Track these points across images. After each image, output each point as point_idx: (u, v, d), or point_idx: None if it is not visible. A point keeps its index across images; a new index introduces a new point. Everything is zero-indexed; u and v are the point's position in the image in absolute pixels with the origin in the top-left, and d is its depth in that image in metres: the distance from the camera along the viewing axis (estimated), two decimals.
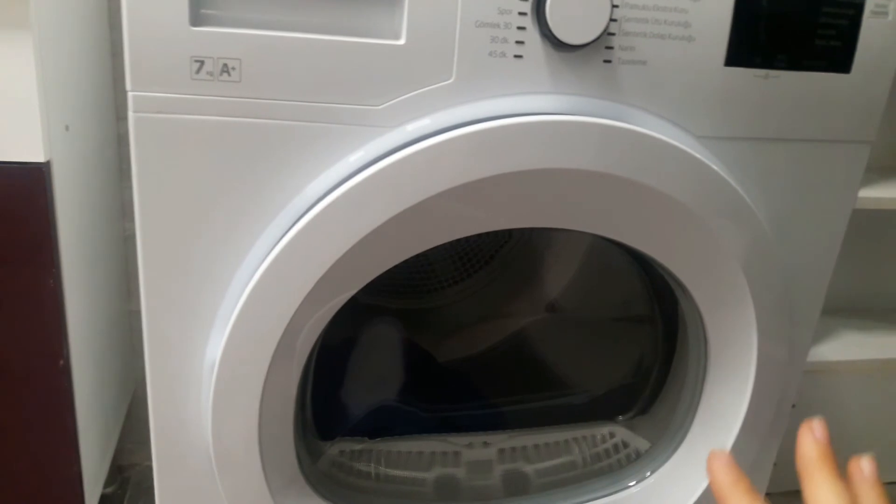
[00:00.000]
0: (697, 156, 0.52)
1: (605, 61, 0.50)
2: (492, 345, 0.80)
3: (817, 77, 0.55)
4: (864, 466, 0.36)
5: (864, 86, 0.56)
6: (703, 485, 0.63)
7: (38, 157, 0.60)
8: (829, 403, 1.06)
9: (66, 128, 0.66)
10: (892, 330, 1.14)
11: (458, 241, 0.52)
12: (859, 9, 0.54)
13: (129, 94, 0.45)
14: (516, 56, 0.49)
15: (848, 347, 1.07)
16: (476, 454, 0.68)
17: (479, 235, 0.53)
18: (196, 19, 0.44)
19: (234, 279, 0.50)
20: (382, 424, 0.69)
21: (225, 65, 0.45)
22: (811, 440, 0.37)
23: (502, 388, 0.76)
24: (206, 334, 0.52)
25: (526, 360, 0.79)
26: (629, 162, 0.51)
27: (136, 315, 0.79)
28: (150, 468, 0.57)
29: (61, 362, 0.67)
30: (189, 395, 0.54)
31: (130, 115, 0.45)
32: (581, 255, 0.79)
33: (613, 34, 0.50)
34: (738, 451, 0.62)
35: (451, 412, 0.73)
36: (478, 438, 0.69)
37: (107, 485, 0.93)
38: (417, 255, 0.51)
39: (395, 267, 0.51)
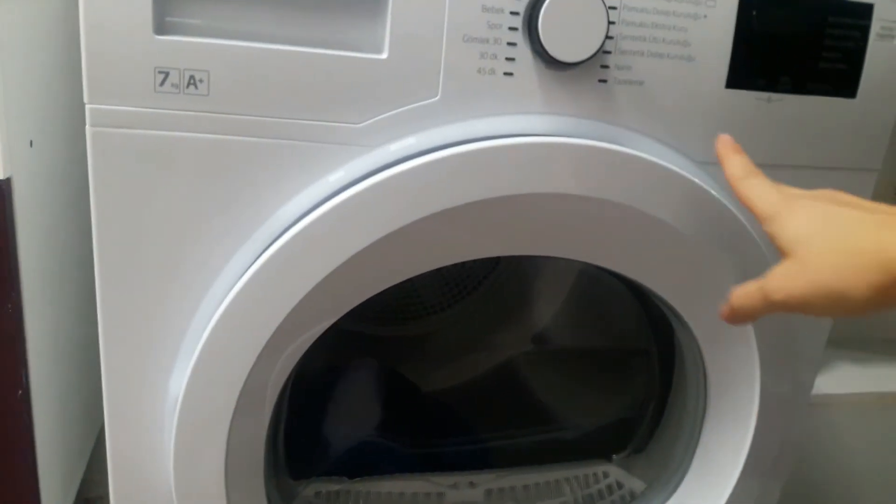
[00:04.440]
0: (697, 181, 0.50)
1: (601, 81, 0.48)
2: (478, 376, 0.77)
3: (822, 101, 0.53)
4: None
5: (870, 111, 0.55)
6: None
7: None
8: (825, 438, 1.03)
9: (31, 143, 0.63)
10: (891, 362, 1.11)
11: (444, 266, 0.49)
12: (865, 31, 0.53)
13: (87, 107, 0.42)
14: (506, 73, 0.46)
15: (844, 380, 1.05)
16: (461, 496, 0.64)
17: (466, 261, 0.50)
18: (161, 27, 0.41)
19: (199, 308, 0.47)
20: (362, 462, 0.66)
21: (191, 77, 0.42)
22: (737, 160, 0.43)
23: (489, 422, 0.73)
24: (169, 367, 0.49)
25: (514, 393, 0.77)
26: (625, 187, 0.48)
27: None
28: None
29: (20, 392, 0.63)
30: (150, 433, 0.50)
31: (88, 129, 0.42)
32: (572, 283, 0.77)
33: (609, 52, 0.48)
34: (740, 492, 0.59)
35: (435, 448, 0.70)
36: (463, 478, 0.65)
37: None
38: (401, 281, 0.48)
39: (377, 293, 0.48)
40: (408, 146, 0.46)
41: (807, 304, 0.35)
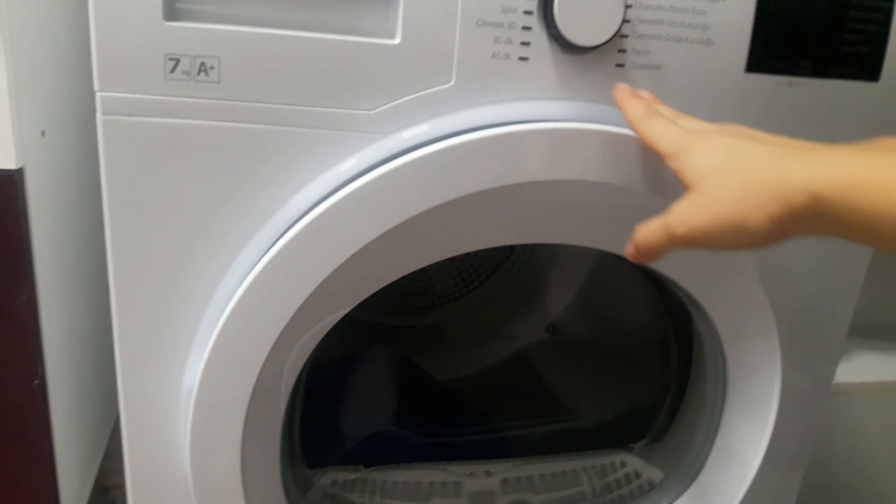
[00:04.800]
0: None
1: (618, 65, 0.47)
2: (493, 365, 0.77)
3: (843, 85, 0.52)
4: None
5: (893, 94, 0.53)
6: None
7: (9, 164, 0.56)
8: (846, 426, 1.02)
9: (42, 133, 0.63)
10: None
11: (457, 255, 0.48)
12: (888, 13, 0.52)
13: (97, 95, 0.42)
14: (521, 58, 0.45)
15: (864, 369, 1.04)
16: (478, 485, 0.64)
17: (479, 250, 0.49)
18: (171, 13, 0.41)
19: (213, 297, 0.47)
20: (378, 452, 0.65)
21: (202, 63, 0.41)
22: (635, 103, 0.42)
23: (505, 412, 0.73)
24: (184, 356, 0.48)
25: (530, 382, 0.76)
26: (642, 174, 0.48)
27: None
28: None
29: (36, 382, 0.64)
30: (166, 423, 0.50)
31: (98, 117, 0.42)
32: (587, 270, 0.76)
33: (626, 36, 0.47)
34: (760, 482, 0.59)
35: (451, 438, 0.69)
36: (480, 467, 0.65)
37: None
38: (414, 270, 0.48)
39: (391, 282, 0.48)
40: (421, 133, 0.45)
41: (708, 236, 0.34)
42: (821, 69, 0.51)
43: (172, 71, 0.41)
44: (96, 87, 0.41)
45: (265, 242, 0.45)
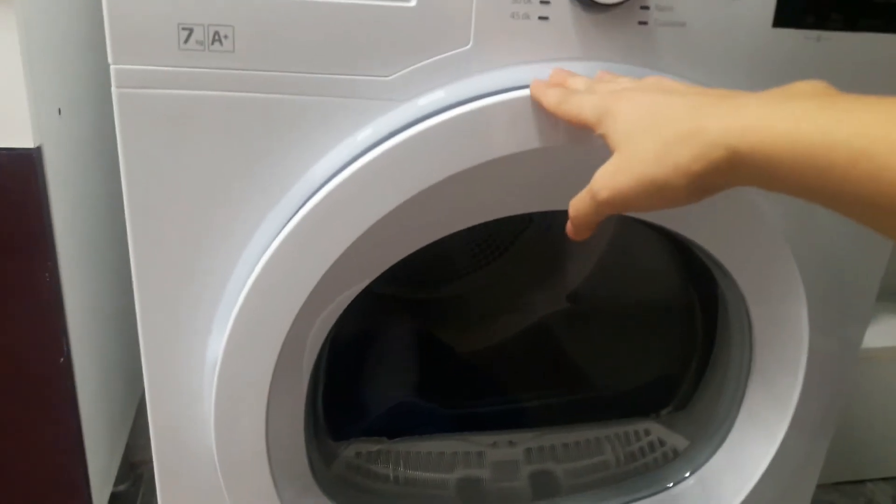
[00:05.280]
0: None
1: (641, 23, 0.46)
2: (514, 335, 0.76)
3: (875, 38, 0.50)
4: None
5: None
6: (749, 488, 0.59)
7: (27, 142, 0.56)
8: (867, 392, 1.01)
9: (59, 111, 0.62)
10: None
11: (476, 225, 0.48)
12: None
13: (112, 68, 0.41)
14: (541, 18, 0.44)
15: (888, 333, 1.02)
16: (501, 454, 0.64)
17: (497, 220, 0.49)
18: None
19: (234, 271, 0.47)
20: (400, 423, 0.65)
21: (216, 33, 0.40)
22: (549, 92, 0.41)
23: (527, 382, 0.72)
24: (207, 330, 0.48)
25: (552, 352, 0.76)
26: None
27: None
28: None
29: (62, 359, 0.64)
30: (190, 397, 0.50)
31: (114, 90, 0.41)
32: (606, 238, 0.74)
33: None
34: (787, 448, 0.58)
35: (473, 409, 0.69)
36: (503, 437, 0.65)
37: (119, 482, 0.91)
38: (432, 241, 0.47)
39: (410, 255, 0.47)
40: (439, 99, 0.44)
41: (632, 198, 0.34)
42: (851, 22, 0.49)
43: (186, 41, 0.41)
44: (110, 59, 0.41)
45: (284, 215, 0.45)
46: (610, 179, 0.34)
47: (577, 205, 0.38)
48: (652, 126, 0.33)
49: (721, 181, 0.31)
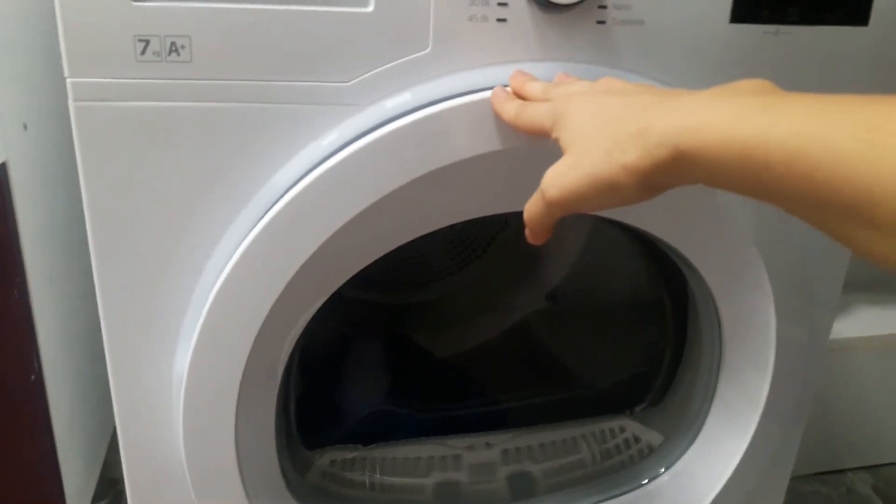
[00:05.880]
0: None
1: (599, 22, 0.46)
2: (490, 338, 0.76)
3: (832, 31, 0.51)
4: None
5: (883, 39, 0.52)
6: (723, 480, 0.59)
7: None
8: (845, 382, 1.02)
9: (24, 126, 0.62)
10: None
11: (451, 228, 0.48)
12: None
13: (68, 81, 0.41)
14: (499, 20, 0.44)
15: (864, 323, 1.03)
16: (478, 456, 0.64)
17: (473, 222, 0.49)
18: None
19: (198, 283, 0.46)
20: (376, 429, 0.65)
21: (173, 43, 0.40)
22: (506, 106, 0.42)
23: (503, 384, 0.72)
24: (174, 344, 0.48)
25: (527, 353, 0.76)
26: None
27: None
28: None
29: (33, 377, 0.63)
30: (160, 412, 0.50)
31: (71, 104, 0.41)
32: (582, 239, 0.75)
33: None
34: (759, 439, 0.58)
35: (449, 412, 0.69)
36: (479, 440, 0.65)
37: (98, 499, 0.90)
38: (406, 245, 0.47)
39: (383, 259, 0.47)
40: (401, 103, 0.44)
41: (581, 197, 0.34)
42: (808, 16, 0.50)
43: (143, 52, 0.40)
44: (66, 73, 0.40)
45: (248, 224, 0.45)
46: (559, 178, 0.35)
47: (530, 207, 0.38)
48: (601, 127, 0.33)
49: (669, 179, 0.31)
